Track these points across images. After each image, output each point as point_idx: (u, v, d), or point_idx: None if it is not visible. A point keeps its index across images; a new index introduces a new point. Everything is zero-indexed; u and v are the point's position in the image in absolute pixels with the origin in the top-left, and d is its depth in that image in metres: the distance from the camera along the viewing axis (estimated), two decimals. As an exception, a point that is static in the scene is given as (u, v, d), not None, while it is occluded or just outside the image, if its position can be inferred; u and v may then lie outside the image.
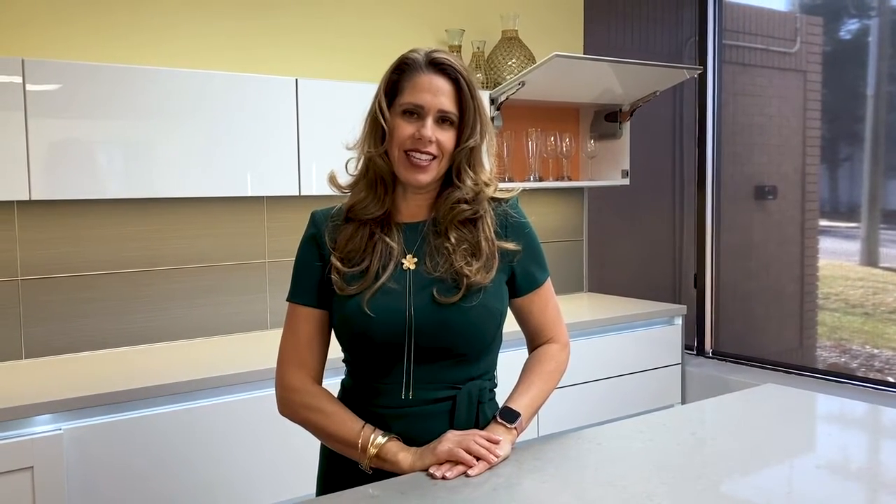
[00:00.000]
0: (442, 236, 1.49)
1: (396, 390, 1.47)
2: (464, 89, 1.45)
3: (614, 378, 3.20)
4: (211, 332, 2.90)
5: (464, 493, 1.33)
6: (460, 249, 1.47)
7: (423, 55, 1.46)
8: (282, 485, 2.36)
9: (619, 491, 1.33)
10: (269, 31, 2.98)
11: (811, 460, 1.54)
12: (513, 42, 3.36)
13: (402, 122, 1.45)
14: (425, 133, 1.43)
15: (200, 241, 2.87)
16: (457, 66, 1.46)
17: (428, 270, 1.48)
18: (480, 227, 1.50)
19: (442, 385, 1.48)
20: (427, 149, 1.44)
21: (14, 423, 2.02)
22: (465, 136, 1.46)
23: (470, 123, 1.46)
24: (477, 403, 1.51)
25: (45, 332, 2.60)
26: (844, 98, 3.59)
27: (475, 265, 1.47)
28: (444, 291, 1.45)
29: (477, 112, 1.47)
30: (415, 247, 1.51)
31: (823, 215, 3.68)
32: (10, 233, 2.53)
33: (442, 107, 1.44)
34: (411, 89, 1.44)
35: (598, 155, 3.71)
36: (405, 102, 1.44)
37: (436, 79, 1.44)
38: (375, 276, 1.46)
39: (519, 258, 1.55)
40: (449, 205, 1.49)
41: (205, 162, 2.54)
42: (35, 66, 2.27)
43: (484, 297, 1.47)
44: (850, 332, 3.55)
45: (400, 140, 1.44)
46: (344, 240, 1.50)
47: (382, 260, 1.48)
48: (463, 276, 1.45)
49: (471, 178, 1.49)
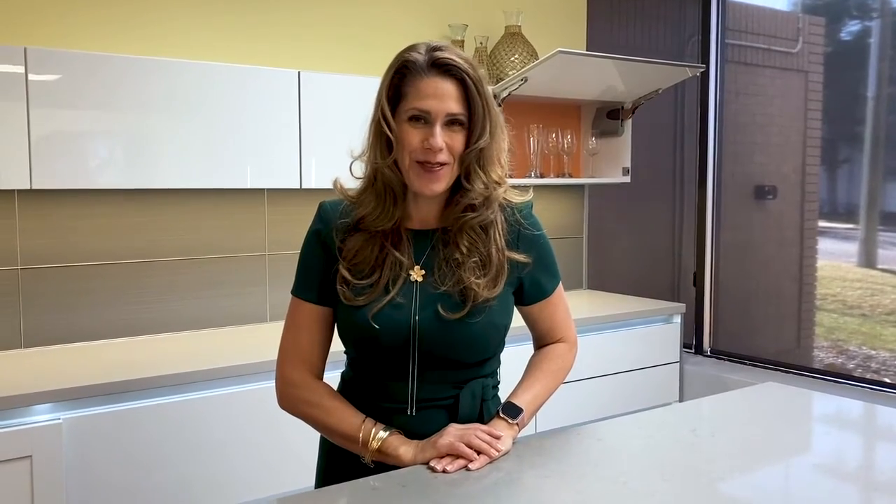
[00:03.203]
0: (452, 245, 1.46)
1: (399, 388, 1.47)
2: (470, 88, 1.38)
3: (613, 375, 3.20)
4: (211, 323, 2.89)
5: (464, 487, 1.33)
6: (470, 262, 1.44)
7: (424, 56, 1.39)
8: (281, 476, 2.36)
9: (620, 487, 1.34)
10: (272, 23, 2.98)
11: (809, 459, 1.55)
12: (516, 38, 3.36)
13: (410, 129, 1.39)
14: (435, 143, 1.37)
15: (201, 233, 2.87)
16: (461, 64, 1.38)
17: (435, 284, 1.45)
18: (492, 235, 1.46)
19: (445, 385, 1.48)
20: (437, 158, 1.38)
21: (13, 412, 2.02)
22: (476, 136, 1.40)
23: (479, 123, 1.40)
24: (480, 400, 1.51)
25: (45, 321, 2.60)
26: (845, 99, 3.59)
27: (483, 280, 1.44)
28: (450, 307, 1.43)
29: (486, 109, 1.40)
30: (423, 257, 1.48)
31: (822, 216, 3.68)
32: (10, 221, 2.53)
33: (449, 111, 1.38)
34: (415, 95, 1.38)
35: (599, 152, 3.71)
36: (410, 108, 1.38)
37: (440, 82, 1.38)
38: (385, 290, 1.44)
39: (529, 270, 1.52)
40: (458, 212, 1.44)
41: (206, 153, 2.54)
42: (38, 55, 2.26)
43: (489, 314, 1.45)
44: (847, 333, 3.56)
45: (410, 149, 1.39)
46: (353, 250, 1.45)
47: (392, 273, 1.45)
48: (470, 292, 1.43)
49: (481, 179, 1.42)
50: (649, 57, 3.34)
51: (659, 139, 4.05)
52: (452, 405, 1.48)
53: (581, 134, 3.77)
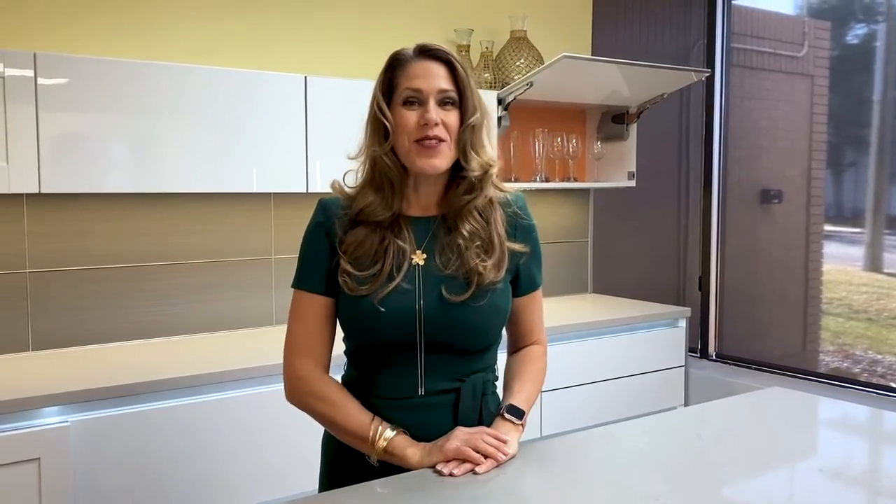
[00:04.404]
0: (454, 231, 1.49)
1: (403, 382, 1.48)
2: (458, 69, 1.47)
3: (617, 379, 3.20)
4: (217, 327, 2.91)
5: (470, 491, 1.33)
6: (473, 246, 1.48)
7: (411, 48, 1.49)
8: (288, 479, 2.37)
9: (625, 491, 1.34)
10: (279, 28, 2.99)
11: (814, 464, 1.55)
12: (521, 42, 3.37)
13: (406, 112, 1.45)
14: (430, 117, 1.43)
15: (208, 237, 2.88)
16: (446, 49, 1.49)
17: (438, 267, 1.48)
18: (492, 223, 1.51)
19: (447, 377, 1.49)
20: (434, 132, 1.44)
21: (21, 415, 2.03)
22: (468, 114, 1.47)
23: (470, 100, 1.47)
24: (481, 396, 1.52)
25: (53, 324, 2.61)
26: (851, 103, 3.59)
27: (488, 262, 1.47)
28: (454, 289, 1.46)
29: (472, 92, 1.48)
30: (424, 242, 1.51)
31: (828, 220, 3.67)
32: (19, 225, 2.54)
33: (440, 86, 1.45)
34: (407, 78, 1.46)
35: (604, 156, 3.71)
36: (403, 91, 1.46)
37: (428, 63, 1.47)
38: (389, 277, 1.46)
39: (525, 259, 1.56)
40: (459, 194, 1.49)
41: (213, 157, 2.55)
42: (47, 60, 2.28)
43: (493, 297, 1.48)
44: (853, 337, 3.55)
45: (408, 130, 1.45)
46: (354, 243, 1.48)
47: (396, 260, 1.47)
48: (475, 274, 1.46)
49: (476, 159, 1.49)
50: (654, 61, 3.34)
51: (664, 143, 4.05)
52: (454, 401, 1.49)
53: (586, 138, 3.78)
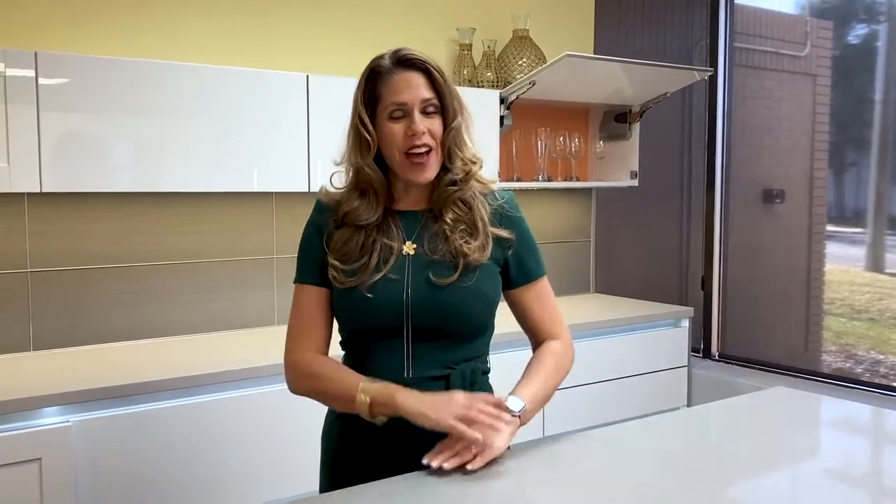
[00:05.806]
0: (440, 220, 1.54)
1: (391, 366, 1.50)
2: (435, 76, 1.51)
3: (621, 379, 3.20)
4: (218, 326, 2.90)
5: (472, 491, 1.33)
6: (458, 229, 1.53)
7: (388, 58, 1.52)
8: (286, 480, 2.37)
9: (629, 490, 1.34)
10: (281, 27, 2.99)
11: (817, 463, 1.54)
12: (524, 41, 3.36)
13: (392, 125, 1.50)
14: (416, 127, 1.48)
15: (209, 236, 2.87)
16: (423, 57, 1.52)
17: (426, 253, 1.53)
18: (475, 209, 1.55)
19: (437, 365, 1.51)
20: (422, 141, 1.48)
21: (22, 415, 2.03)
22: (450, 118, 1.52)
23: (451, 105, 1.52)
24: (470, 385, 1.53)
25: (54, 324, 2.61)
26: (853, 102, 3.58)
27: (473, 243, 1.52)
28: (440, 273, 1.50)
29: (452, 95, 1.53)
30: (414, 234, 1.55)
31: (830, 220, 3.67)
32: (20, 224, 2.54)
33: (423, 96, 1.49)
34: (389, 92, 1.50)
35: (606, 156, 3.71)
36: (389, 105, 1.49)
37: (408, 74, 1.50)
38: (376, 268, 1.50)
39: (513, 249, 1.59)
40: (442, 188, 1.54)
41: (214, 157, 2.55)
42: (48, 59, 2.27)
43: (477, 280, 1.52)
44: (855, 337, 3.55)
45: (397, 143, 1.49)
46: (339, 243, 1.54)
47: (383, 254, 1.52)
48: (461, 255, 1.50)
49: (460, 158, 1.54)
50: (657, 60, 3.34)
51: (667, 143, 4.04)
52: (444, 387, 1.49)
53: (589, 137, 3.77)
